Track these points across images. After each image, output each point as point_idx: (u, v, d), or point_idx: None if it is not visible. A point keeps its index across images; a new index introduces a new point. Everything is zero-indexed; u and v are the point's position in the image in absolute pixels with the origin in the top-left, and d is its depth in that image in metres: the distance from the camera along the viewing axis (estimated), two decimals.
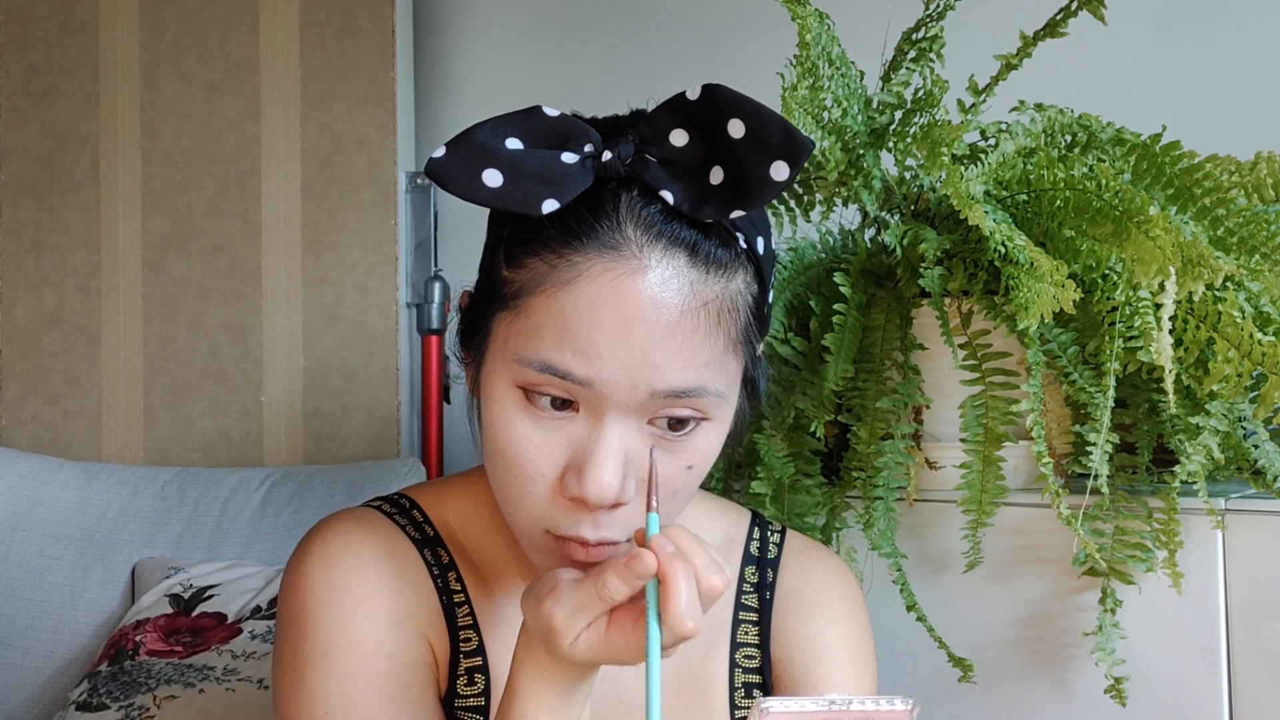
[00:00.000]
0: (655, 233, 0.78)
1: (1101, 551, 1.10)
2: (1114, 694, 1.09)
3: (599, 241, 0.77)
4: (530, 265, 0.79)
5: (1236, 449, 1.11)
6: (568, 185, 0.78)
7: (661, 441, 0.80)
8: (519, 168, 0.77)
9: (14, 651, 1.72)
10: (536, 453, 0.79)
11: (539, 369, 0.78)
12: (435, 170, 0.77)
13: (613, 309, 0.76)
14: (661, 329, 0.77)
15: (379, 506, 0.94)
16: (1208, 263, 0.99)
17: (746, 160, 0.77)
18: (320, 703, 0.85)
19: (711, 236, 0.80)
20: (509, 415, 0.80)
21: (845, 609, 0.99)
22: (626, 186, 0.79)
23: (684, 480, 0.82)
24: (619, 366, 0.77)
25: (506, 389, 0.80)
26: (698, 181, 0.78)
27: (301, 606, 0.87)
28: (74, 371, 2.06)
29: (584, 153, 0.79)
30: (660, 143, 0.79)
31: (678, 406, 0.79)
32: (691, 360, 0.78)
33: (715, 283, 0.80)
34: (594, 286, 0.77)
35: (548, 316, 0.78)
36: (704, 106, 0.78)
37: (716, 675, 0.95)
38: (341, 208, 2.03)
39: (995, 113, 1.24)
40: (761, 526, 1.01)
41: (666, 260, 0.78)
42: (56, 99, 2.10)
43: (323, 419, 2.03)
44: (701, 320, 0.79)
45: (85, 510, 1.81)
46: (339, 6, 2.05)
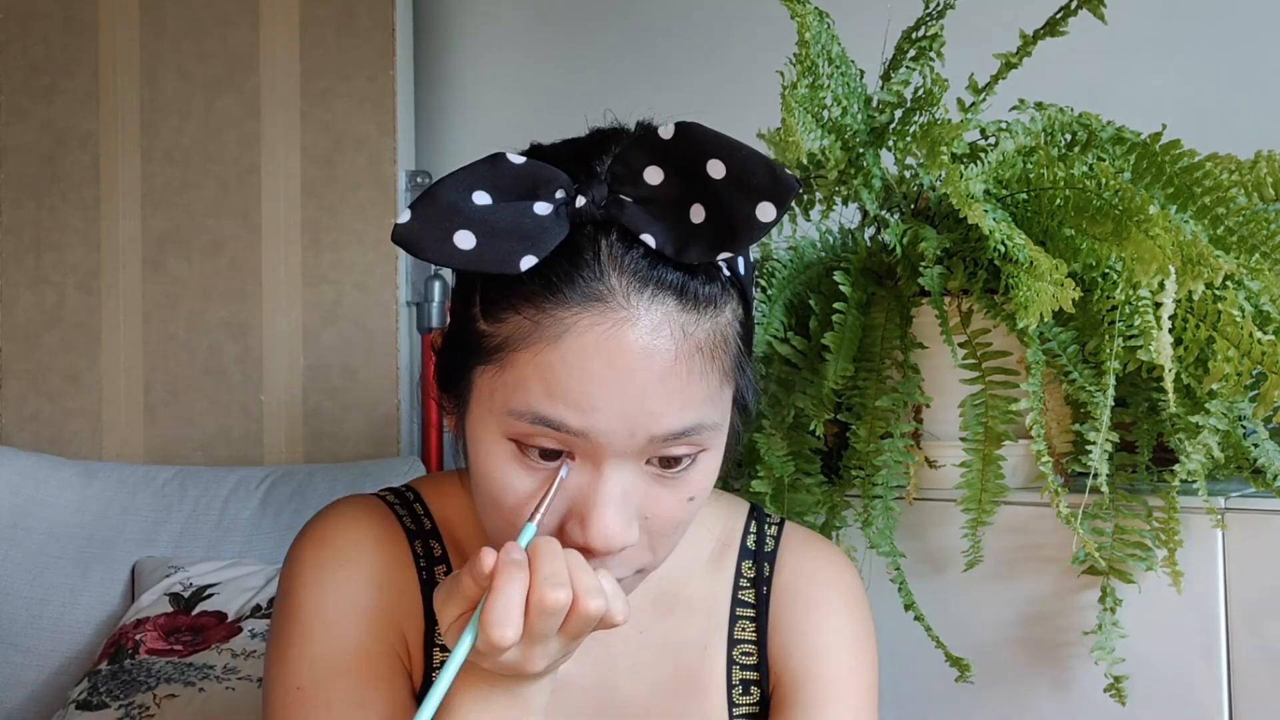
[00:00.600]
0: (641, 279, 0.76)
1: (1101, 550, 1.10)
2: (1113, 693, 1.09)
3: (582, 294, 0.75)
4: (510, 320, 0.76)
5: (1236, 448, 1.11)
6: (543, 238, 0.75)
7: (660, 479, 0.79)
8: (491, 225, 0.74)
9: (14, 650, 1.72)
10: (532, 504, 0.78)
11: (531, 420, 0.75)
12: (403, 237, 0.74)
13: (604, 362, 0.74)
14: (657, 377, 0.75)
15: (384, 496, 0.96)
16: (1207, 262, 0.99)
17: (730, 201, 0.75)
18: (294, 677, 0.87)
19: (698, 275, 0.78)
20: (502, 468, 0.78)
21: (844, 602, 0.97)
22: (604, 230, 0.76)
23: (686, 511, 0.81)
24: (615, 417, 0.75)
25: (497, 441, 0.78)
26: (678, 221, 0.76)
27: (289, 585, 0.90)
28: (74, 370, 2.06)
29: (556, 200, 0.76)
30: (635, 182, 0.76)
31: (675, 446, 0.78)
32: (688, 401, 0.77)
33: (706, 321, 0.78)
34: (582, 342, 0.74)
35: (535, 370, 0.75)
36: (679, 145, 0.76)
37: (714, 673, 0.94)
38: (342, 206, 2.03)
39: (995, 112, 1.24)
40: (759, 520, 1.00)
41: (655, 306, 0.76)
42: (56, 97, 2.10)
43: (323, 418, 2.03)
44: (696, 361, 0.77)
45: (85, 509, 1.81)
46: (339, 5, 2.05)
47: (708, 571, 0.97)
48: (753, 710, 0.95)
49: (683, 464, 0.79)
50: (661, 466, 0.79)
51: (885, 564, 1.18)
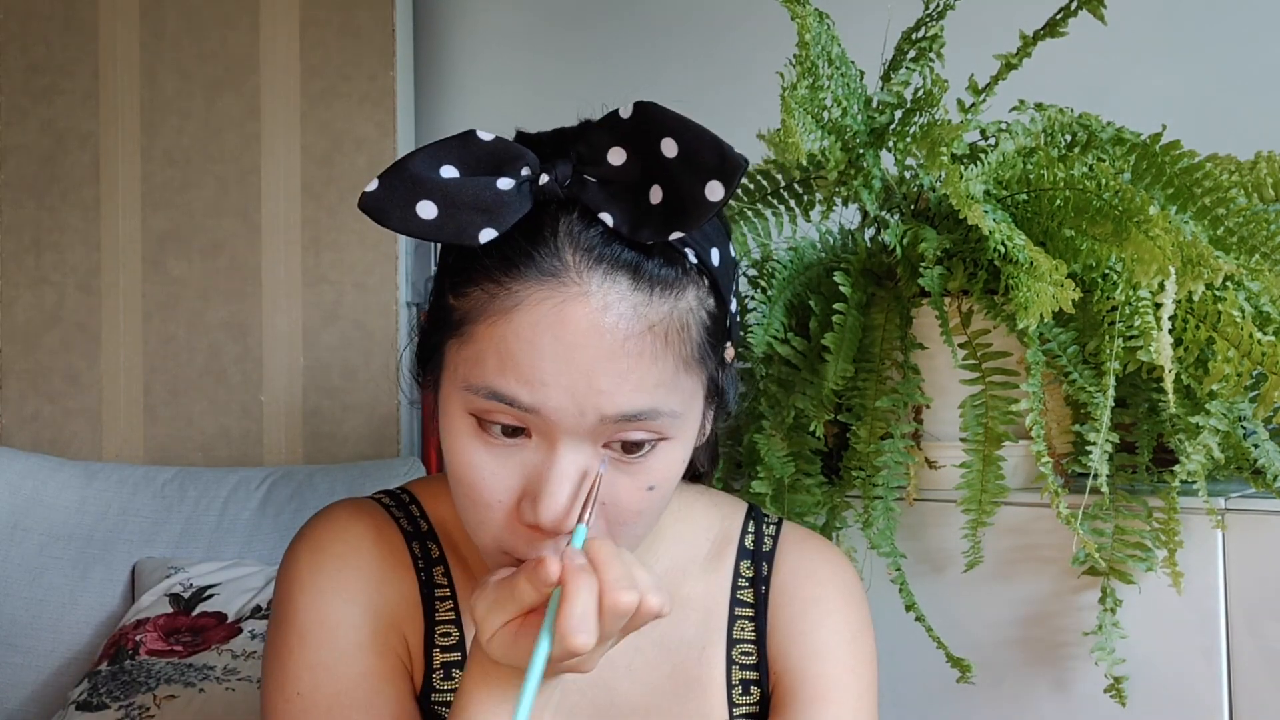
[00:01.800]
0: (595, 256, 0.77)
1: (1101, 551, 1.10)
2: (1114, 693, 1.09)
3: (537, 269, 0.76)
4: (471, 294, 0.78)
5: (1236, 448, 1.11)
6: (504, 212, 0.76)
7: (619, 464, 0.79)
8: (453, 197, 0.76)
9: (14, 651, 1.72)
10: (492, 479, 0.79)
11: (485, 395, 0.77)
12: (368, 204, 0.76)
13: (553, 335, 0.75)
14: (605, 354, 0.76)
15: (379, 499, 0.96)
16: (1207, 262, 0.99)
17: (681, 180, 0.75)
18: (294, 683, 0.87)
19: (655, 256, 0.78)
20: (464, 443, 0.80)
21: (843, 601, 0.97)
22: (566, 209, 0.78)
23: (646, 501, 0.81)
24: (563, 393, 0.76)
25: (460, 416, 0.80)
26: (637, 202, 0.77)
27: (286, 589, 0.90)
28: (74, 370, 2.06)
29: (521, 177, 0.77)
30: (599, 162, 0.77)
31: (631, 430, 0.78)
32: (640, 384, 0.77)
33: (661, 303, 0.78)
34: (533, 315, 0.76)
35: (491, 344, 0.77)
36: (637, 124, 0.77)
37: (713, 673, 0.94)
38: (341, 206, 2.03)
39: (995, 112, 1.24)
40: (757, 520, 1.00)
41: (608, 285, 0.76)
42: (56, 97, 2.10)
43: (322, 418, 2.03)
44: (648, 343, 0.77)
45: (85, 510, 1.81)
46: (339, 5, 2.05)
47: (705, 571, 0.97)
48: (753, 710, 0.94)
49: (642, 450, 0.79)
50: (622, 451, 0.79)
51: (886, 564, 1.19)
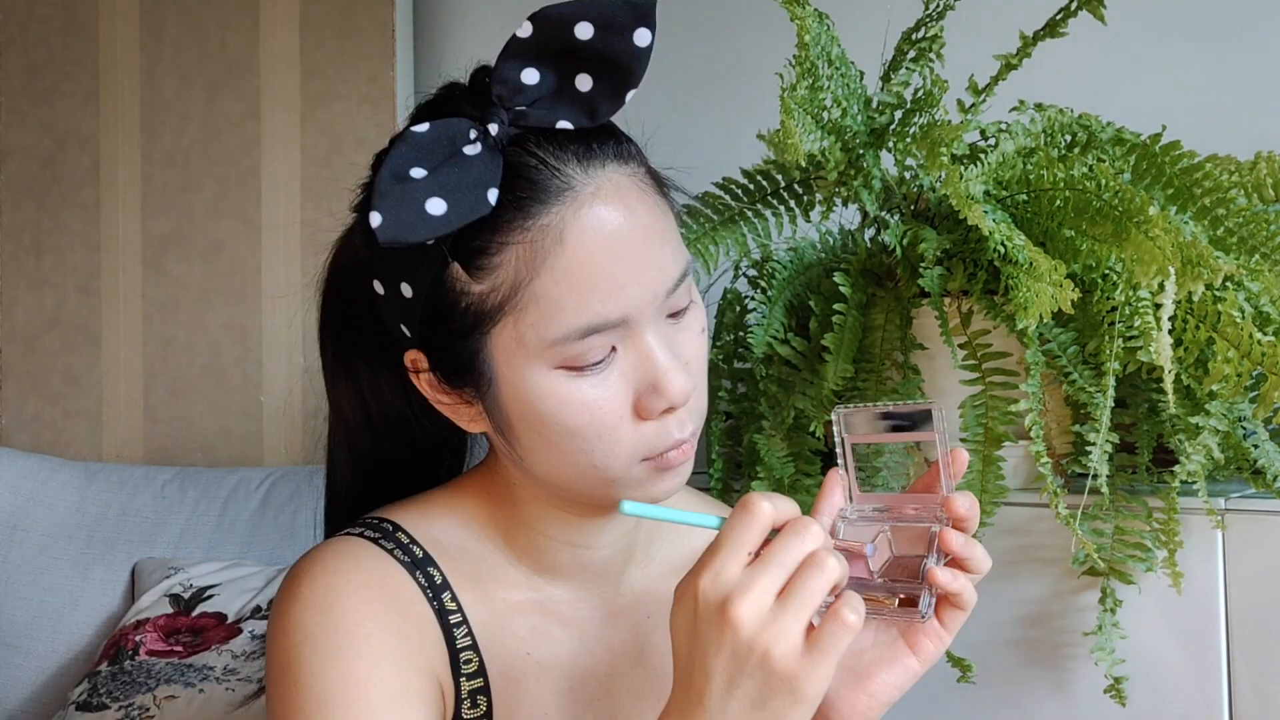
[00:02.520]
0: (580, 155, 0.80)
1: (1101, 551, 1.10)
2: (1114, 694, 1.09)
3: (551, 193, 0.78)
4: (505, 260, 0.79)
5: (1236, 449, 1.11)
6: (489, 171, 0.78)
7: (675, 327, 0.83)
8: (444, 185, 0.77)
9: (14, 651, 1.72)
10: (609, 404, 0.80)
11: (580, 336, 0.78)
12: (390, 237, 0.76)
13: (604, 238, 0.78)
14: (644, 231, 0.80)
15: (360, 533, 0.89)
16: (1207, 263, 0.99)
17: (609, 48, 0.79)
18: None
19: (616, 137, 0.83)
20: (564, 393, 0.80)
21: None
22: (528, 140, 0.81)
23: (703, 345, 0.85)
24: (639, 287, 0.79)
25: (546, 376, 0.80)
26: (573, 97, 0.81)
27: (296, 654, 0.81)
28: (74, 371, 2.06)
29: (472, 139, 0.80)
30: (520, 90, 0.81)
31: (679, 294, 0.82)
32: (673, 243, 0.82)
33: (639, 168, 0.83)
34: (576, 229, 0.78)
35: (558, 286, 0.78)
36: (541, 33, 0.80)
37: None
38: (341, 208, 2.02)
39: (995, 113, 1.24)
40: None
41: (606, 174, 0.80)
42: (56, 99, 2.10)
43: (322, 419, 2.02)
44: (654, 203, 0.82)
45: (85, 510, 1.81)
46: (339, 6, 2.05)
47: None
48: None
49: (685, 309, 0.83)
50: (674, 317, 0.83)
51: None
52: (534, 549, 0.91)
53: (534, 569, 0.91)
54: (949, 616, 0.80)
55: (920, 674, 0.82)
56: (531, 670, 0.89)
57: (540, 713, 0.89)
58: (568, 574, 0.92)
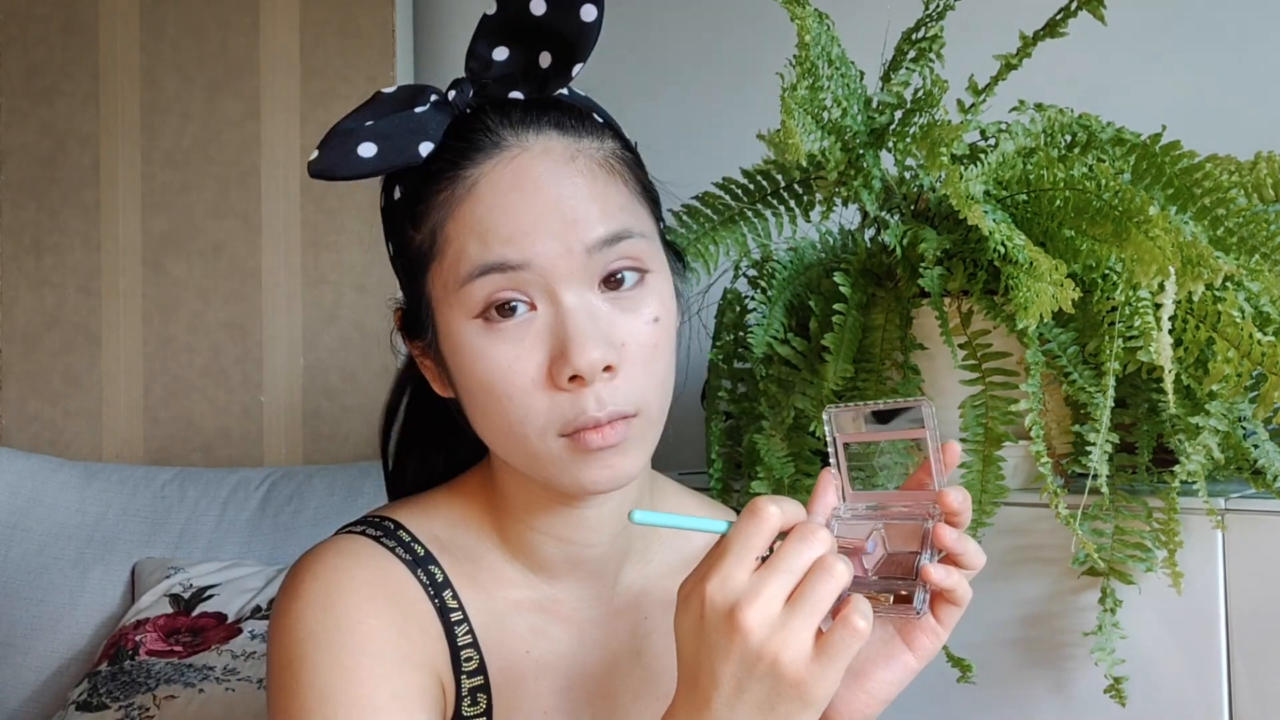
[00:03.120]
0: (523, 123, 0.84)
1: (1101, 551, 1.10)
2: (1114, 694, 1.09)
3: (480, 150, 0.83)
4: (433, 205, 0.83)
5: (1236, 449, 1.11)
6: (430, 127, 0.83)
7: (619, 302, 0.83)
8: (383, 132, 0.82)
9: (14, 651, 1.72)
10: (517, 363, 0.81)
11: (480, 274, 0.81)
12: (315, 169, 0.82)
13: (516, 189, 0.81)
14: (568, 191, 0.82)
15: (362, 531, 0.90)
16: (1207, 263, 0.99)
17: (559, 25, 0.83)
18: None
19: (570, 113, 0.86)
20: (478, 347, 0.82)
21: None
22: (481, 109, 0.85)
23: (655, 334, 0.84)
24: (547, 236, 0.81)
25: (465, 325, 0.82)
26: (535, 72, 0.85)
27: (298, 652, 0.82)
28: (74, 371, 2.06)
29: (432, 101, 0.85)
30: (489, 66, 0.85)
31: (614, 259, 0.82)
32: (606, 208, 0.83)
33: (590, 141, 0.85)
34: (492, 179, 0.82)
35: (465, 229, 0.82)
36: (503, 12, 0.84)
37: None
38: (341, 208, 2.04)
39: (995, 113, 1.24)
40: None
41: (542, 138, 0.84)
42: (56, 99, 2.10)
43: (322, 419, 2.03)
44: (598, 174, 0.84)
45: (85, 510, 1.81)
46: (339, 6, 2.05)
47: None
48: None
49: (628, 282, 0.83)
50: (615, 289, 0.83)
51: None
52: (526, 545, 0.91)
53: (529, 566, 0.92)
54: (944, 612, 0.80)
55: (917, 670, 0.82)
56: (531, 669, 0.90)
57: (540, 711, 0.89)
58: (562, 572, 0.92)
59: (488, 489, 0.93)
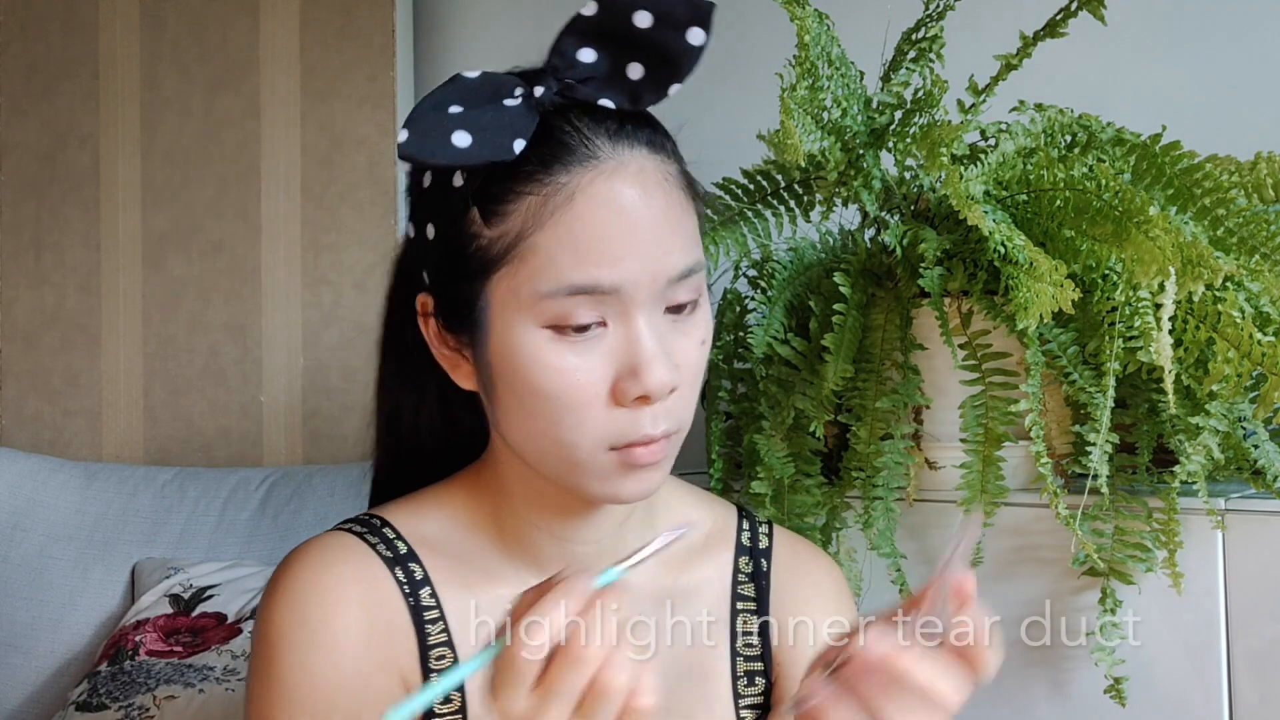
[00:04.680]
0: (614, 134, 0.83)
1: (1101, 551, 1.10)
2: (1114, 694, 1.09)
3: (576, 156, 0.81)
4: (517, 208, 0.81)
5: (1236, 449, 1.11)
6: (522, 124, 0.81)
7: (676, 325, 0.84)
8: (476, 123, 0.80)
9: (14, 651, 1.72)
10: (586, 376, 0.81)
11: (567, 293, 0.80)
12: (408, 151, 0.80)
13: (614, 210, 0.80)
14: (660, 215, 0.82)
15: (349, 528, 0.92)
16: (1208, 263, 0.99)
17: (663, 41, 0.81)
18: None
19: (654, 128, 0.85)
20: (545, 355, 0.81)
21: (837, 597, 1.01)
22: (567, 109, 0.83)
23: (701, 356, 0.86)
24: (639, 263, 0.80)
25: (533, 334, 0.81)
26: (622, 82, 0.83)
27: (268, 645, 0.86)
28: (74, 371, 2.06)
29: (519, 96, 0.82)
30: (573, 65, 0.83)
31: (683, 290, 0.83)
32: (687, 239, 0.84)
33: (671, 164, 0.85)
34: (590, 195, 0.80)
35: (558, 242, 0.80)
36: (604, 15, 0.82)
37: (720, 664, 0.96)
38: (341, 207, 2.03)
39: (995, 113, 1.24)
40: (750, 519, 1.02)
41: (635, 154, 0.83)
42: (56, 96, 2.10)
43: (322, 419, 2.03)
44: (679, 197, 0.84)
45: (85, 510, 1.81)
46: (339, 5, 2.05)
47: (704, 562, 0.98)
48: (758, 701, 0.96)
49: (687, 309, 0.84)
50: (675, 313, 0.84)
51: (886, 565, 1.19)
52: (523, 539, 0.91)
53: (524, 562, 0.92)
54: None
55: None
56: None
57: None
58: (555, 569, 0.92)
59: (487, 486, 0.93)
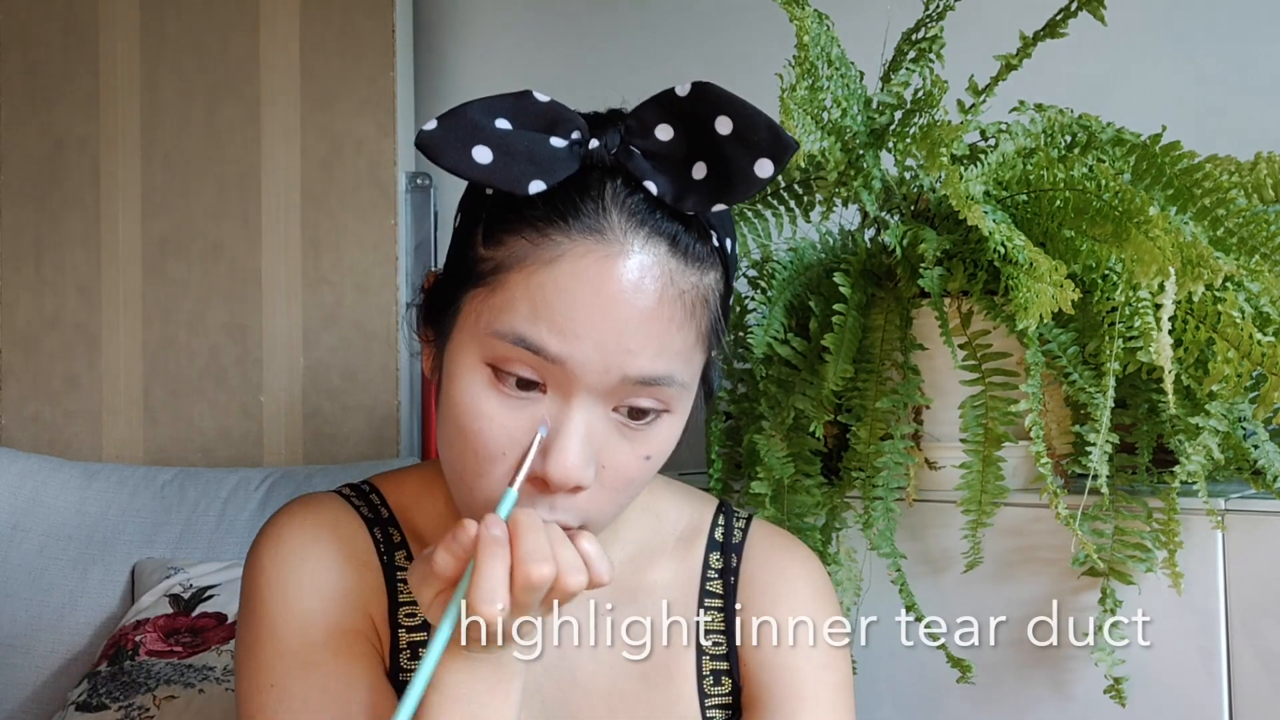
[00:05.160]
0: (639, 220, 0.80)
1: (1101, 552, 1.10)
2: (1114, 694, 1.09)
3: (583, 224, 0.79)
4: (510, 243, 0.80)
5: (1236, 449, 1.11)
6: (554, 168, 0.79)
7: (623, 429, 0.82)
8: (508, 146, 0.79)
9: (14, 651, 1.72)
10: (500, 431, 0.80)
11: (512, 341, 0.78)
12: (426, 142, 0.78)
13: (593, 289, 0.78)
14: (639, 314, 0.79)
15: (340, 490, 0.97)
16: (1207, 263, 0.99)
17: (732, 156, 0.79)
18: (267, 674, 0.87)
19: (691, 230, 0.82)
20: (475, 392, 0.81)
21: (812, 595, 0.98)
22: (611, 175, 0.81)
23: (641, 470, 0.83)
24: (593, 348, 0.78)
25: (474, 365, 0.81)
26: (681, 175, 0.80)
27: (253, 585, 0.91)
28: (74, 372, 2.06)
29: (571, 139, 0.80)
30: (645, 135, 0.81)
31: (644, 395, 0.81)
32: (663, 349, 0.80)
33: (692, 274, 0.82)
34: (576, 266, 0.78)
35: (525, 291, 0.79)
36: (693, 103, 0.80)
37: (683, 663, 0.95)
38: (341, 209, 2.03)
39: (995, 113, 1.24)
40: (727, 514, 1.01)
41: (649, 248, 0.80)
42: (56, 101, 2.10)
43: (322, 419, 2.03)
44: (677, 310, 0.80)
45: (85, 510, 1.81)
46: (339, 7, 2.05)
47: (673, 559, 0.98)
48: (726, 701, 0.95)
49: (647, 418, 0.82)
50: (628, 417, 0.81)
51: (886, 565, 1.18)
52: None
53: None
54: None
55: None
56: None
57: None
58: None
59: None
